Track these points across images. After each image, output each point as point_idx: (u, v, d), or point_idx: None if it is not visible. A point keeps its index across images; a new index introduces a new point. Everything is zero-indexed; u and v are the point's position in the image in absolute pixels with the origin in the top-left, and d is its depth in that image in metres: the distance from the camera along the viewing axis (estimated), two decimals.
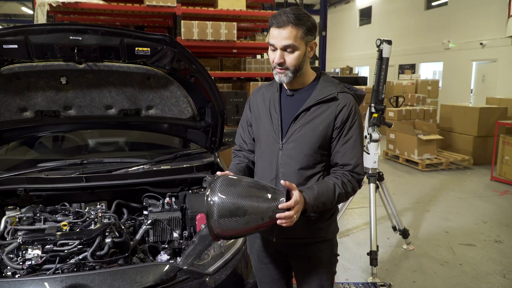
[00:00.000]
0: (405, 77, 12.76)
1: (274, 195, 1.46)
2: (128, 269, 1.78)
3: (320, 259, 1.78)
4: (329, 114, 1.63)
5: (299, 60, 1.59)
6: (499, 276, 3.51)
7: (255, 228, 1.48)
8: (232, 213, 1.43)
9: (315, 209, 1.56)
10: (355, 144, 1.65)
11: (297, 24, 1.54)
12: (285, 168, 1.68)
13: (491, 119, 7.44)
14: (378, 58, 3.68)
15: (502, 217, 4.98)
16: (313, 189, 1.57)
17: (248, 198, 1.44)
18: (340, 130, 1.64)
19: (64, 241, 1.93)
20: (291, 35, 1.54)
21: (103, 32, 2.01)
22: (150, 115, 2.52)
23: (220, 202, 1.43)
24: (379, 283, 3.30)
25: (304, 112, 1.65)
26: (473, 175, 7.02)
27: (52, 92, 2.26)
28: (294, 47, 1.56)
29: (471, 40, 12.67)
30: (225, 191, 1.45)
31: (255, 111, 1.82)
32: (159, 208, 2.42)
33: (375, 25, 18.99)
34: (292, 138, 1.67)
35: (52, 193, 2.35)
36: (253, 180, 1.54)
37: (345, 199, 1.68)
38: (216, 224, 1.44)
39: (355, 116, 1.65)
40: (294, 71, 1.61)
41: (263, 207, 1.43)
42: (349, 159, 1.64)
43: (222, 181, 1.48)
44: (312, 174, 1.68)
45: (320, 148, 1.65)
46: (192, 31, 8.36)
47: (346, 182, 1.63)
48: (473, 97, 12.84)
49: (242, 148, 1.93)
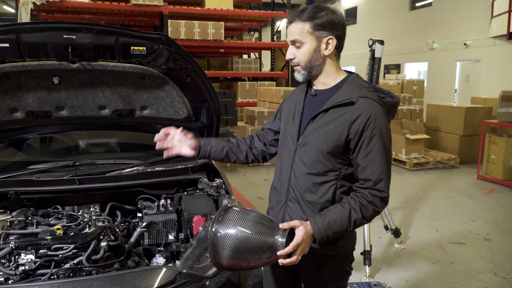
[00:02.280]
0: (391, 77, 12.88)
1: (274, 234, 1.42)
2: (126, 273, 1.73)
3: (325, 274, 1.71)
4: (344, 121, 1.51)
5: (307, 55, 1.54)
6: (490, 274, 3.56)
7: (257, 264, 1.49)
8: (234, 247, 1.42)
9: (326, 239, 1.48)
10: (376, 157, 1.50)
11: (303, 19, 1.51)
12: (297, 171, 1.63)
13: (477, 118, 7.58)
14: (371, 58, 3.69)
15: (490, 215, 5.06)
16: (324, 217, 1.48)
17: (249, 233, 1.42)
18: (358, 141, 1.50)
19: (58, 245, 1.87)
20: (296, 30, 1.52)
21: (98, 31, 1.96)
22: (144, 115, 2.48)
23: (226, 235, 1.43)
24: (373, 282, 3.31)
25: (322, 114, 1.56)
26: (460, 174, 7.13)
27: (44, 92, 2.19)
28: (300, 42, 1.53)
29: (455, 41, 12.87)
30: (232, 224, 1.44)
31: (285, 110, 1.78)
32: (154, 210, 2.37)
33: (360, 25, 19.15)
34: (305, 140, 1.60)
35: (44, 196, 2.29)
36: (259, 215, 1.50)
37: (364, 222, 1.54)
38: (220, 255, 1.45)
39: (376, 127, 1.49)
40: (305, 68, 1.56)
41: (262, 245, 1.41)
42: (369, 174, 1.51)
43: (230, 214, 1.48)
44: (322, 181, 1.58)
45: (331, 155, 1.55)
46: (179, 30, 8.30)
47: (366, 205, 1.50)
48: (458, 96, 13.05)
49: (259, 133, 1.92)
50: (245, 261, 1.46)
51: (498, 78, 11.12)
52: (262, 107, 8.62)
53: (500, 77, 11.07)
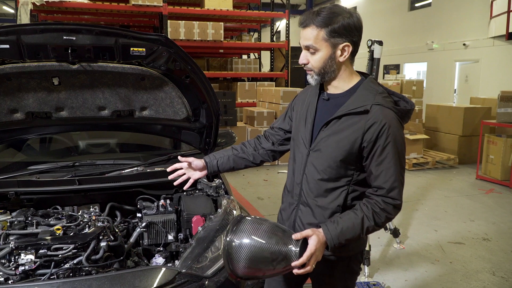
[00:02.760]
0: (390, 77, 12.89)
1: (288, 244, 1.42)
2: (126, 273, 1.74)
3: (333, 275, 1.72)
4: (358, 129, 1.49)
5: (322, 62, 1.50)
6: (489, 273, 3.57)
7: (271, 274, 1.49)
8: (250, 257, 1.43)
9: (338, 246, 1.48)
10: (389, 165, 1.48)
11: (319, 25, 1.45)
12: (308, 176, 1.63)
13: (476, 118, 7.59)
14: (369, 59, 3.70)
15: (488, 215, 5.08)
16: (337, 224, 1.48)
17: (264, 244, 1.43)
18: (371, 149, 1.49)
19: (58, 246, 1.88)
20: (311, 36, 1.47)
21: (98, 32, 1.97)
22: (144, 116, 2.48)
23: (241, 245, 1.44)
24: (372, 282, 3.32)
25: (335, 120, 1.54)
26: (459, 174, 7.15)
27: (44, 93, 2.20)
28: (315, 48, 1.49)
29: (454, 41, 12.88)
30: (246, 234, 1.45)
31: (296, 111, 1.77)
32: (154, 210, 2.38)
33: None
34: (318, 146, 1.59)
35: (43, 196, 2.30)
36: (273, 225, 1.50)
37: (376, 229, 1.55)
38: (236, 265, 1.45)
39: (389, 136, 1.46)
40: (319, 74, 1.53)
41: (276, 256, 1.42)
42: (382, 182, 1.49)
43: (244, 224, 1.49)
44: (334, 187, 1.58)
45: (343, 162, 1.54)
46: (178, 31, 8.31)
47: (379, 212, 1.49)
48: (457, 97, 13.06)
49: (269, 132, 1.91)
50: (260, 271, 1.46)
51: (497, 78, 11.13)
52: (261, 108, 8.63)
53: (499, 77, 11.08)
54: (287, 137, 1.84)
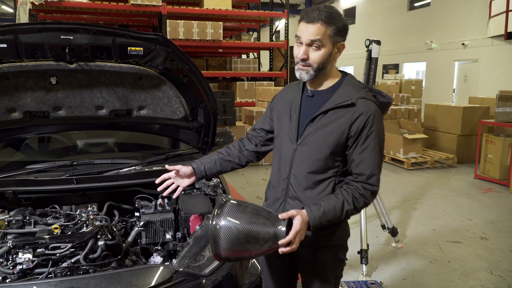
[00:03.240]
0: (389, 77, 12.92)
1: (275, 224, 1.48)
2: (123, 272, 1.74)
3: (323, 263, 1.77)
4: (345, 121, 1.57)
5: (323, 58, 1.57)
6: (486, 272, 3.58)
7: (257, 253, 1.53)
8: (236, 238, 1.47)
9: (320, 226, 1.55)
10: (371, 154, 1.58)
11: (327, 22, 1.52)
12: (296, 170, 1.69)
13: (474, 118, 7.60)
14: (367, 58, 3.71)
15: (486, 214, 5.09)
16: (319, 206, 1.54)
17: (250, 224, 1.48)
18: (356, 139, 1.58)
19: (56, 245, 1.89)
20: (319, 31, 1.52)
21: (95, 32, 1.97)
22: (141, 115, 2.49)
23: (226, 227, 1.48)
24: (370, 281, 3.33)
25: (321, 115, 1.62)
26: (457, 173, 7.16)
27: (42, 93, 2.21)
28: (321, 43, 1.54)
29: (453, 41, 12.89)
30: (231, 216, 1.49)
31: (277, 110, 1.81)
32: (152, 209, 2.38)
33: (359, 25, 19.16)
34: (306, 141, 1.65)
35: (41, 196, 2.30)
36: (258, 207, 1.56)
37: (354, 213, 1.63)
38: (221, 247, 1.49)
39: (373, 126, 1.57)
40: (316, 69, 1.58)
41: (263, 236, 1.47)
42: (363, 169, 1.59)
43: (229, 206, 1.53)
44: (322, 179, 1.65)
45: (332, 154, 1.62)
46: (177, 30, 8.31)
47: (358, 197, 1.58)
48: (456, 96, 13.07)
49: (251, 134, 1.95)
50: (246, 252, 1.51)
51: (495, 78, 11.14)
52: (260, 107, 8.63)
53: (497, 77, 11.09)
54: (269, 137, 1.90)
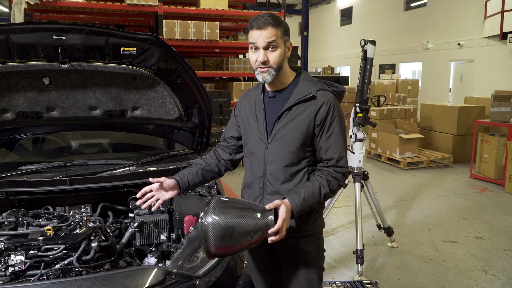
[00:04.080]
0: (386, 77, 12.94)
1: (263, 214, 1.54)
2: (116, 273, 1.73)
3: (307, 252, 1.83)
4: (309, 113, 1.70)
5: (280, 58, 1.68)
6: (481, 271, 3.59)
7: (247, 245, 1.57)
8: (225, 233, 1.52)
9: (302, 212, 1.64)
10: (337, 138, 1.72)
11: (275, 24, 1.65)
12: (272, 166, 1.77)
13: (470, 118, 7.62)
14: (363, 58, 3.71)
15: (482, 213, 5.10)
16: (299, 194, 1.64)
17: (239, 218, 1.53)
18: (322, 127, 1.71)
19: (48, 246, 1.88)
20: (272, 34, 1.64)
21: (88, 32, 1.97)
22: (135, 116, 2.48)
23: (214, 223, 1.52)
24: (365, 281, 3.33)
25: (286, 111, 1.73)
26: (453, 173, 7.17)
27: (34, 93, 2.19)
28: (276, 45, 1.66)
29: (449, 41, 12.93)
30: (218, 212, 1.53)
31: (242, 114, 1.91)
32: (146, 210, 2.38)
33: (355, 25, 19.20)
34: (276, 137, 1.75)
35: (35, 197, 2.29)
36: (243, 201, 1.65)
37: (331, 196, 1.75)
38: (211, 244, 1.53)
39: (335, 112, 1.71)
40: (277, 69, 1.69)
41: (253, 227, 1.53)
42: (332, 153, 1.71)
43: (214, 203, 1.57)
44: (297, 170, 1.76)
45: (303, 146, 1.73)
46: (174, 30, 8.28)
47: (331, 180, 1.70)
48: (452, 96, 13.11)
49: (222, 144, 2.03)
50: (237, 245, 1.55)
51: (491, 78, 11.19)
52: None
53: (493, 77, 11.14)
54: (240, 144, 1.98)
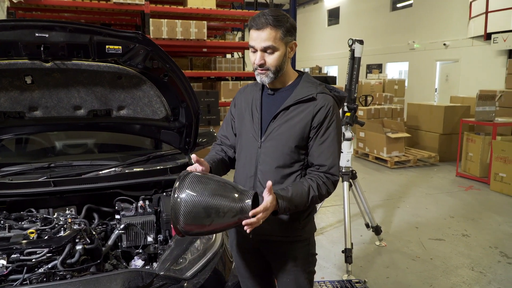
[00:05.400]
0: (373, 77, 13.04)
1: (240, 196, 1.45)
2: (101, 277, 1.69)
3: (296, 258, 1.79)
4: (307, 114, 1.63)
5: (279, 60, 1.61)
6: (468, 269, 3.63)
7: (220, 228, 1.49)
8: (198, 211, 1.42)
9: (287, 211, 1.58)
10: (331, 145, 1.65)
11: (275, 25, 1.56)
12: (263, 166, 1.71)
13: (456, 117, 7.71)
14: (350, 58, 3.72)
15: (468, 211, 5.16)
16: (287, 191, 1.58)
17: (215, 197, 1.43)
18: (317, 130, 1.64)
19: (31, 250, 1.83)
20: (270, 36, 1.57)
21: (72, 29, 1.92)
22: (121, 115, 2.43)
23: (188, 199, 1.42)
24: (354, 280, 3.33)
25: (283, 111, 1.67)
26: (439, 171, 7.25)
27: (16, 92, 2.13)
28: (274, 48, 1.58)
29: (435, 41, 13.08)
30: (194, 188, 1.44)
31: (239, 108, 1.84)
32: (132, 212, 2.33)
33: (343, 25, 19.30)
34: (270, 137, 1.69)
35: (17, 199, 2.23)
36: (222, 180, 1.52)
37: (318, 201, 1.68)
38: (182, 220, 1.44)
39: (333, 118, 1.65)
40: (275, 72, 1.63)
41: (229, 208, 1.43)
42: (324, 160, 1.65)
43: (191, 178, 1.47)
44: (289, 172, 1.69)
45: (297, 147, 1.66)
46: (161, 29, 8.20)
47: (321, 185, 1.64)
48: (438, 96, 13.26)
49: (223, 143, 1.95)
50: (209, 226, 1.45)
51: (476, 78, 11.35)
52: None
53: (478, 77, 11.29)
54: None
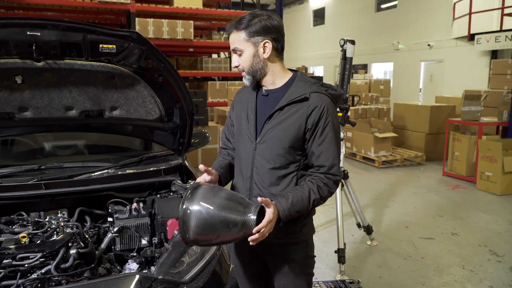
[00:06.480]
0: (359, 77, 13.13)
1: (247, 211, 1.49)
2: (99, 282, 1.65)
3: (294, 260, 1.78)
4: (301, 115, 1.63)
5: (249, 61, 1.64)
6: (459, 267, 3.67)
7: (227, 240, 1.55)
8: (207, 223, 1.47)
9: (289, 218, 1.59)
10: (329, 145, 1.65)
11: (237, 28, 1.63)
12: (259, 168, 1.72)
13: (441, 117, 7.82)
14: (342, 58, 3.73)
15: (456, 210, 5.23)
16: (287, 198, 1.58)
17: (224, 210, 1.47)
18: (313, 131, 1.63)
19: (24, 255, 1.77)
20: (235, 39, 1.64)
21: (65, 28, 1.86)
22: (114, 116, 2.38)
23: (198, 212, 1.47)
24: (348, 280, 3.34)
25: (278, 112, 1.67)
26: (426, 170, 7.34)
27: (6, 93, 2.06)
28: (240, 49, 1.64)
29: (419, 42, 13.26)
30: (204, 201, 1.49)
31: (236, 111, 1.84)
32: (126, 214, 2.29)
33: (328, 26, 19.42)
34: (265, 138, 1.69)
35: (7, 202, 2.16)
36: (230, 193, 1.56)
37: (321, 203, 1.68)
38: (192, 231, 1.48)
39: (328, 117, 1.63)
40: (249, 73, 1.67)
41: (236, 223, 1.47)
42: (323, 160, 1.65)
43: (202, 190, 1.52)
44: (285, 174, 1.69)
45: (292, 148, 1.66)
46: (147, 29, 8.12)
47: (322, 186, 1.64)
48: (422, 96, 13.45)
49: (227, 146, 1.96)
50: (217, 237, 1.50)
51: (460, 78, 11.54)
52: None
53: (461, 77, 11.49)
54: None
